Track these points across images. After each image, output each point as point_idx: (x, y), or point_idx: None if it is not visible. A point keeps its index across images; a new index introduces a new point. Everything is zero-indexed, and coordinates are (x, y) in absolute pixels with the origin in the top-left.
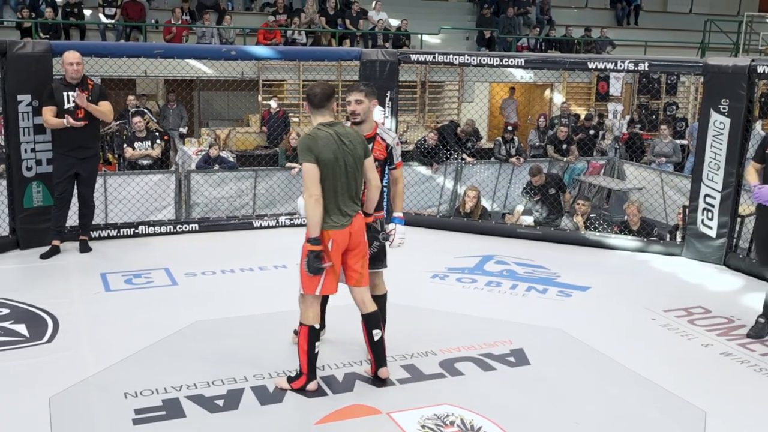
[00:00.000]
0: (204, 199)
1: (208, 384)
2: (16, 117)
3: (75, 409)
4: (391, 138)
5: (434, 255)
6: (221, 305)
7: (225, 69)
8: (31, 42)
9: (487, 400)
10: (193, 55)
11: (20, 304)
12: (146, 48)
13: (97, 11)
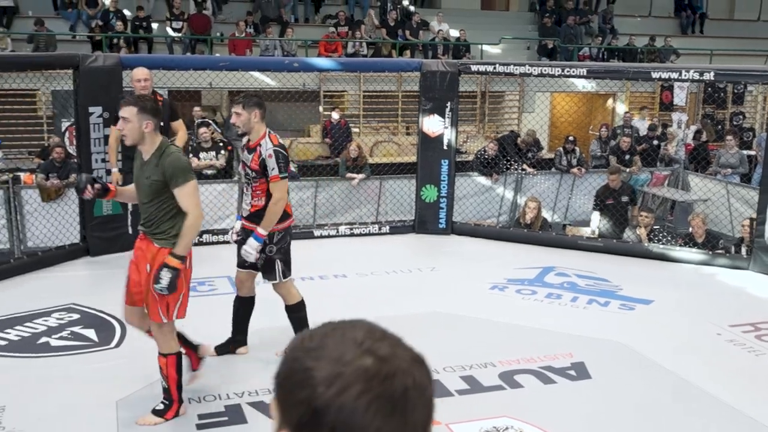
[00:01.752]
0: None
1: (269, 391)
2: (88, 128)
3: (141, 412)
4: (266, 148)
5: (493, 266)
6: (281, 313)
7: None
8: (102, 55)
9: (547, 413)
10: (256, 68)
11: (90, 309)
12: (212, 61)
13: (165, 25)
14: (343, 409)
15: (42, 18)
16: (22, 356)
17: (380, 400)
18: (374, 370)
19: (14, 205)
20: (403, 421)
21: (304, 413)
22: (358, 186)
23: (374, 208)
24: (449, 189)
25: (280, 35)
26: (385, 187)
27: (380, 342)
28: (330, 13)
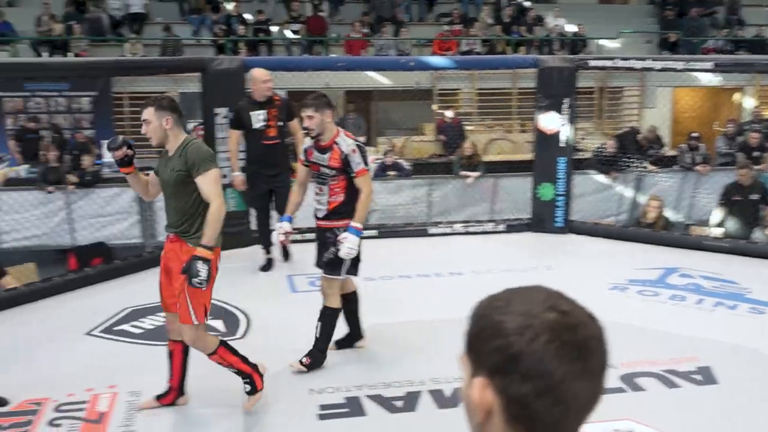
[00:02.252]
0: (380, 206)
1: (387, 385)
2: (214, 129)
3: (265, 400)
4: (346, 145)
5: (613, 266)
6: (399, 309)
7: (401, 79)
8: (227, 59)
9: (671, 418)
10: (373, 67)
11: (216, 301)
12: (330, 61)
13: (284, 27)
14: (534, 355)
15: (169, 24)
16: (155, 344)
17: (566, 347)
18: (559, 321)
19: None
20: (584, 366)
21: (499, 360)
22: (472, 184)
23: (489, 206)
24: (566, 187)
25: (395, 35)
26: (500, 185)
27: (560, 300)
28: (444, 12)
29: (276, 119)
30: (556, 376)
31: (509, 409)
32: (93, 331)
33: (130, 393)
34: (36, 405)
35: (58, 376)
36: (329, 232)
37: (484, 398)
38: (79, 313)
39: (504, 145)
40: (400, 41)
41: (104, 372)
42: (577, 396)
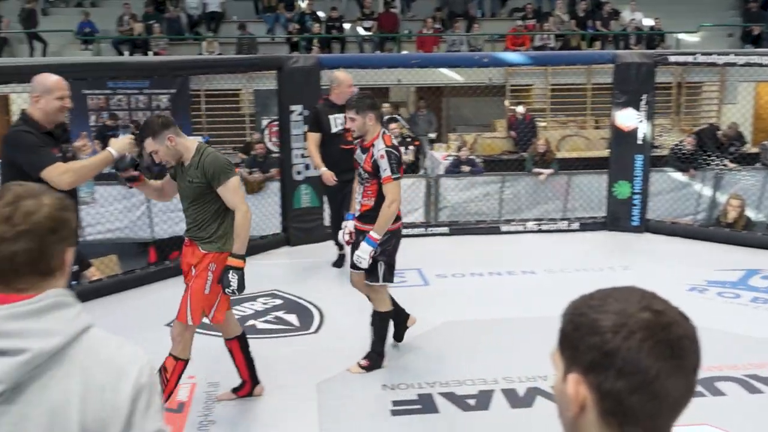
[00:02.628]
0: (450, 203)
1: (460, 383)
2: (289, 125)
3: (339, 395)
4: (378, 149)
5: (692, 266)
6: (471, 307)
7: (474, 75)
8: (303, 56)
9: (752, 424)
10: (447, 64)
11: (291, 296)
12: (404, 59)
13: (356, 24)
14: (629, 352)
15: (245, 22)
16: None
17: (660, 345)
18: (653, 320)
19: None
20: (678, 364)
21: (595, 356)
22: (545, 181)
23: (562, 204)
24: (643, 185)
25: (467, 30)
26: (574, 183)
27: (654, 300)
28: (517, 6)
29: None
30: (650, 372)
31: (603, 404)
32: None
33: (208, 384)
34: None
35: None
36: (362, 236)
37: (578, 393)
38: (159, 304)
39: (577, 141)
40: (472, 37)
41: None
42: (669, 393)
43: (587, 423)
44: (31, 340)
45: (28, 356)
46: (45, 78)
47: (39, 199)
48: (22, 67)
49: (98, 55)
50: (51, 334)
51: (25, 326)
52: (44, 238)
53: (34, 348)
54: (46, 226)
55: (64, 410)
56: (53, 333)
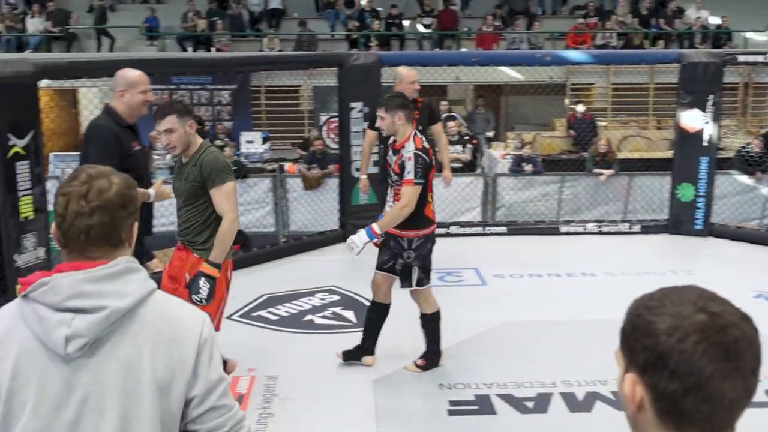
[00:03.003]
0: (508, 202)
1: (518, 385)
2: (349, 122)
3: (395, 394)
4: (407, 150)
5: (758, 272)
6: (529, 308)
7: (533, 74)
8: (363, 54)
9: None
10: (507, 62)
11: (348, 292)
12: (465, 56)
13: (415, 21)
14: (682, 354)
15: (305, 19)
16: (290, 331)
17: (714, 347)
18: (708, 323)
19: (280, 192)
20: (734, 366)
21: (650, 357)
22: (605, 182)
23: (623, 206)
24: (708, 188)
25: (527, 28)
26: (635, 184)
27: (711, 301)
28: (578, 4)
29: (416, 123)
30: (704, 374)
31: (659, 404)
32: (233, 316)
33: (267, 377)
34: None
35: None
36: (394, 240)
37: (635, 393)
38: None
39: (639, 142)
40: (532, 35)
41: (243, 355)
42: (725, 394)
43: (646, 421)
44: (107, 300)
45: (106, 313)
46: (128, 73)
47: (109, 178)
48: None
49: (163, 50)
50: (124, 295)
51: (101, 288)
52: (115, 213)
53: (111, 306)
54: (117, 203)
55: (137, 363)
56: (126, 294)
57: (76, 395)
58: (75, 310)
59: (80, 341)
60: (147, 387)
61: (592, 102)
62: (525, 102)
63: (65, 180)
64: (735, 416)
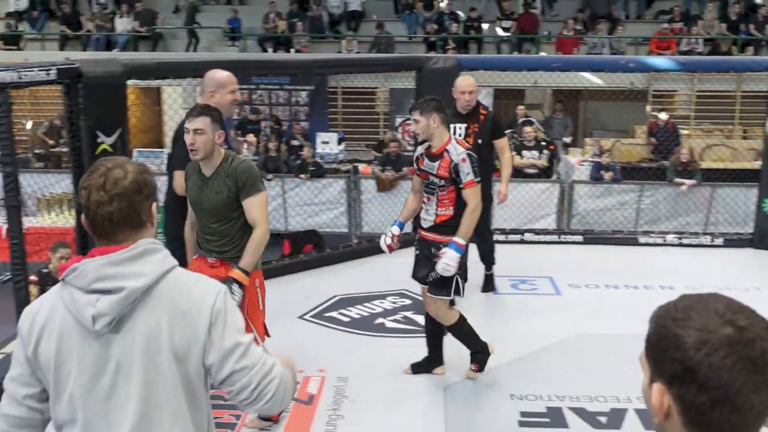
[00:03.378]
0: (585, 210)
1: (591, 399)
2: None
3: (466, 402)
4: (457, 153)
5: None
6: (605, 320)
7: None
8: (443, 57)
9: None
10: (589, 67)
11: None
12: (545, 61)
13: (494, 25)
14: (711, 368)
15: (383, 21)
16: (361, 333)
17: (743, 361)
18: (736, 337)
19: (353, 193)
20: (762, 379)
21: (678, 370)
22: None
23: (704, 217)
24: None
25: (609, 33)
26: (718, 195)
27: (738, 314)
28: (663, 9)
29: (475, 136)
30: (733, 388)
31: (687, 414)
32: (305, 315)
33: (337, 378)
34: None
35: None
36: (435, 247)
37: (663, 403)
38: (292, 296)
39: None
40: (614, 39)
41: (314, 355)
42: (754, 406)
43: (674, 429)
44: (126, 281)
45: (125, 293)
46: (217, 74)
47: (124, 168)
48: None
49: (244, 51)
50: (142, 275)
51: (122, 270)
52: (132, 198)
53: (129, 286)
54: (133, 189)
55: (157, 335)
56: (143, 274)
57: (110, 365)
58: (100, 291)
59: (105, 319)
60: (165, 356)
61: (675, 109)
62: (604, 108)
63: (85, 174)
64: (760, 425)
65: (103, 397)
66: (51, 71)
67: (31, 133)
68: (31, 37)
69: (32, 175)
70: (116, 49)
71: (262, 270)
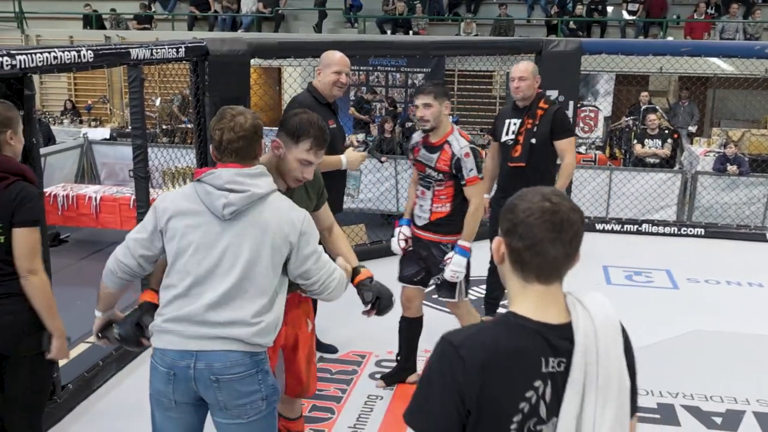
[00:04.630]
0: (708, 203)
1: (706, 398)
2: None
3: None
4: (459, 147)
5: None
6: (724, 318)
7: (747, 66)
8: (564, 41)
9: None
10: (720, 53)
11: None
12: (673, 46)
13: (620, 7)
14: (526, 224)
15: (505, 3)
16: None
17: (547, 223)
18: (547, 207)
19: None
20: (558, 236)
21: (509, 225)
22: None
23: None
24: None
25: (744, 17)
26: None
27: (556, 196)
28: None
29: (527, 134)
30: (537, 239)
31: (511, 256)
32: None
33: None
34: (360, 357)
35: (379, 334)
36: (436, 248)
37: (499, 249)
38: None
39: None
40: (750, 24)
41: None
42: (550, 254)
43: (506, 268)
44: (250, 187)
45: (249, 193)
46: (329, 54)
47: (245, 115)
48: (301, 43)
49: (363, 32)
50: (260, 186)
51: (246, 180)
52: (251, 137)
53: (252, 190)
54: (252, 131)
55: (264, 229)
56: (261, 186)
57: (223, 242)
58: (230, 190)
59: (232, 208)
60: (267, 245)
61: None
62: (734, 96)
63: (215, 118)
64: (560, 272)
65: (212, 264)
66: (180, 49)
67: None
68: (161, 17)
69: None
70: (240, 30)
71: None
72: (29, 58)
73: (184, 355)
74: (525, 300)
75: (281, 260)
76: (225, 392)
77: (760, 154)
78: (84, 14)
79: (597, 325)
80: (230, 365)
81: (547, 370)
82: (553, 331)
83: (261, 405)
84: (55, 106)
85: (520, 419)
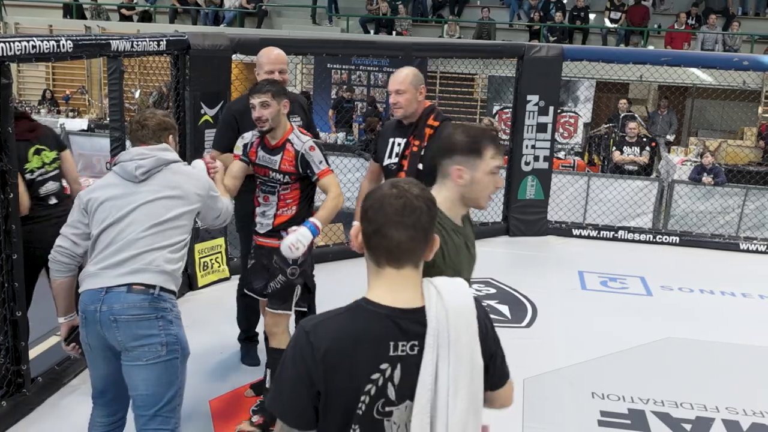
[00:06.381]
0: (683, 211)
1: (677, 405)
2: (524, 115)
3: (545, 395)
4: (302, 143)
5: None
6: (697, 325)
7: (726, 77)
8: (546, 46)
9: None
10: (700, 63)
11: (504, 286)
12: (654, 55)
13: (602, 15)
14: (373, 209)
15: (488, 7)
16: None
17: (390, 207)
18: (393, 194)
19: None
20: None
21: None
22: None
23: None
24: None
25: (724, 28)
26: None
27: (405, 184)
28: None
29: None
30: (380, 222)
31: (365, 240)
32: None
33: None
34: None
35: None
36: (278, 255)
37: (358, 236)
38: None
39: None
40: (729, 36)
41: None
42: (394, 237)
43: (366, 256)
44: (156, 153)
45: (157, 158)
46: (263, 52)
47: (155, 112)
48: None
49: (346, 32)
50: (165, 155)
51: (153, 152)
52: (153, 128)
53: (158, 155)
54: (159, 125)
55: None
56: (166, 154)
57: (137, 199)
58: (140, 158)
59: (143, 169)
60: (175, 198)
61: None
62: (712, 106)
63: (136, 116)
64: (409, 257)
65: (126, 214)
66: (161, 42)
67: (138, 101)
68: (143, 10)
69: None
70: (223, 25)
71: None
72: (7, 46)
73: (93, 298)
74: (379, 285)
75: (192, 214)
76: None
77: (736, 164)
78: (64, 3)
79: (449, 309)
80: (128, 307)
81: (396, 353)
82: (405, 315)
83: (160, 350)
84: (32, 95)
85: (368, 401)
